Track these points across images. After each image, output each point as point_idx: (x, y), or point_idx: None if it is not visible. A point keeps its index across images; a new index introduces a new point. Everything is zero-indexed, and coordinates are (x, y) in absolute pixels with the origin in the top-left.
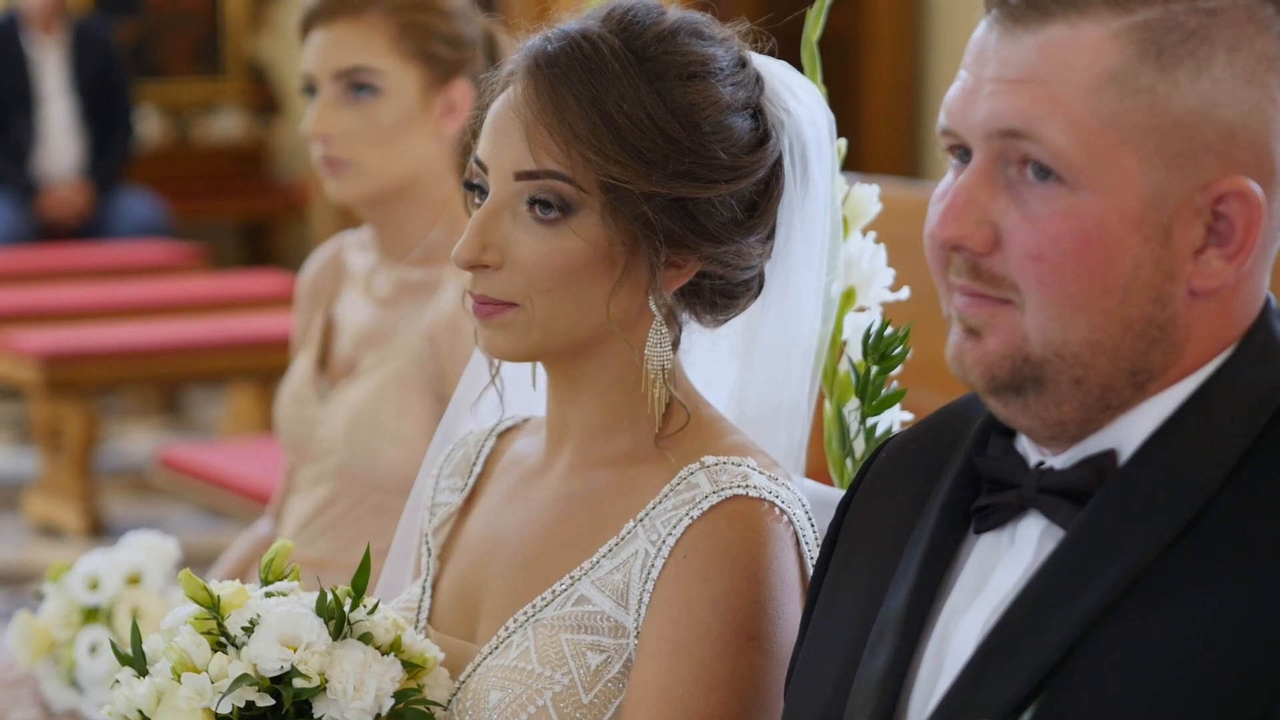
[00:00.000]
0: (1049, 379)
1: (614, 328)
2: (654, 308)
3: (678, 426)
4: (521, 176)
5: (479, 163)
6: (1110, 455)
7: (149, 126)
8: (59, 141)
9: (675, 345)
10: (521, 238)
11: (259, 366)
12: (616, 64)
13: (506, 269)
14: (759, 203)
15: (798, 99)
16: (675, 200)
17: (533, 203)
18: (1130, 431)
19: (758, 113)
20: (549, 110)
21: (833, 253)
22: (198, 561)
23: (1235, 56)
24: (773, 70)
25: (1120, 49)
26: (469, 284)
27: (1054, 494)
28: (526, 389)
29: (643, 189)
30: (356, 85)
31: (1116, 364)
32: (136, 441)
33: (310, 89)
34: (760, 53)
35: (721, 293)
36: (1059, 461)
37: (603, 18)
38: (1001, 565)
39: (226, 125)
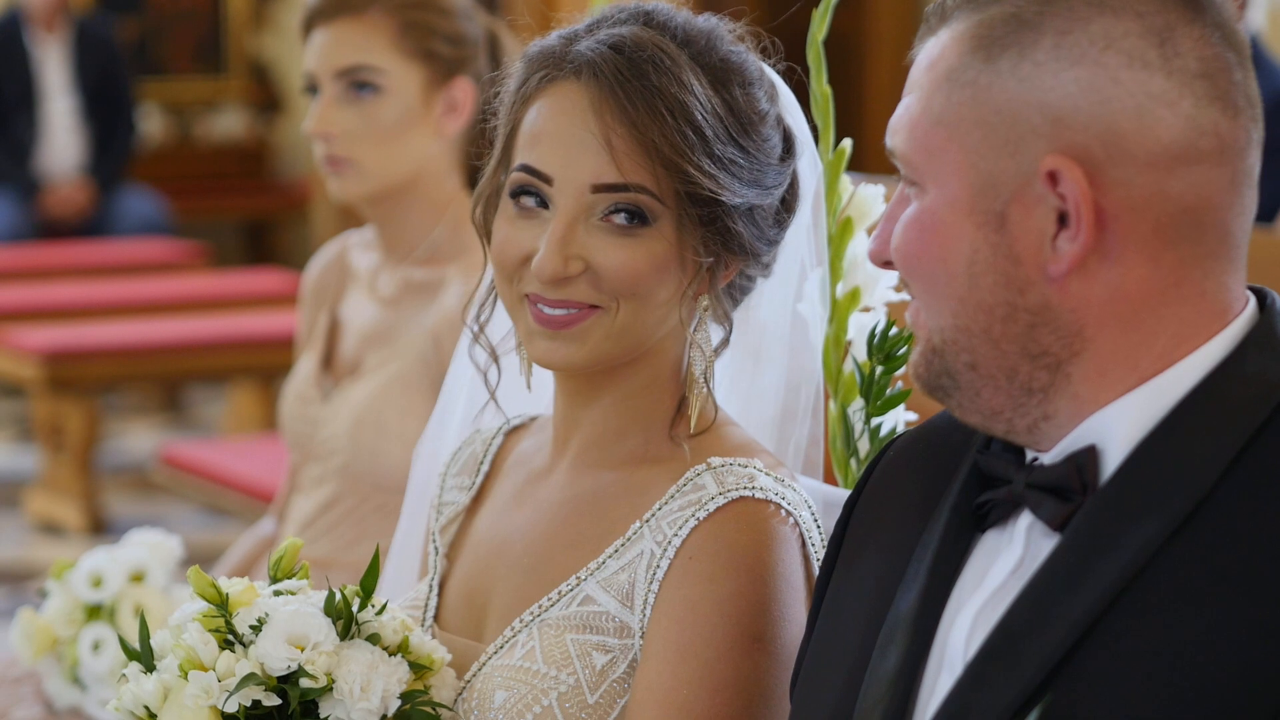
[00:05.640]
0: (953, 370)
1: (686, 333)
2: (702, 311)
3: (704, 426)
4: (601, 189)
5: (536, 172)
6: (1091, 451)
7: (151, 124)
8: (61, 139)
9: (725, 344)
10: (600, 246)
11: (260, 365)
12: (690, 73)
13: (589, 274)
14: (789, 202)
15: (790, 98)
16: (748, 209)
17: (611, 213)
18: (1109, 428)
19: (779, 116)
20: (639, 121)
21: (836, 253)
22: (199, 560)
23: (1063, 39)
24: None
25: (958, 47)
26: (548, 291)
27: (1040, 489)
28: (519, 393)
29: (731, 200)
30: (358, 84)
31: (1000, 347)
32: (138, 439)
33: (312, 88)
34: (764, 54)
35: (744, 291)
36: (1048, 458)
37: (642, 22)
38: (998, 561)
39: (228, 123)
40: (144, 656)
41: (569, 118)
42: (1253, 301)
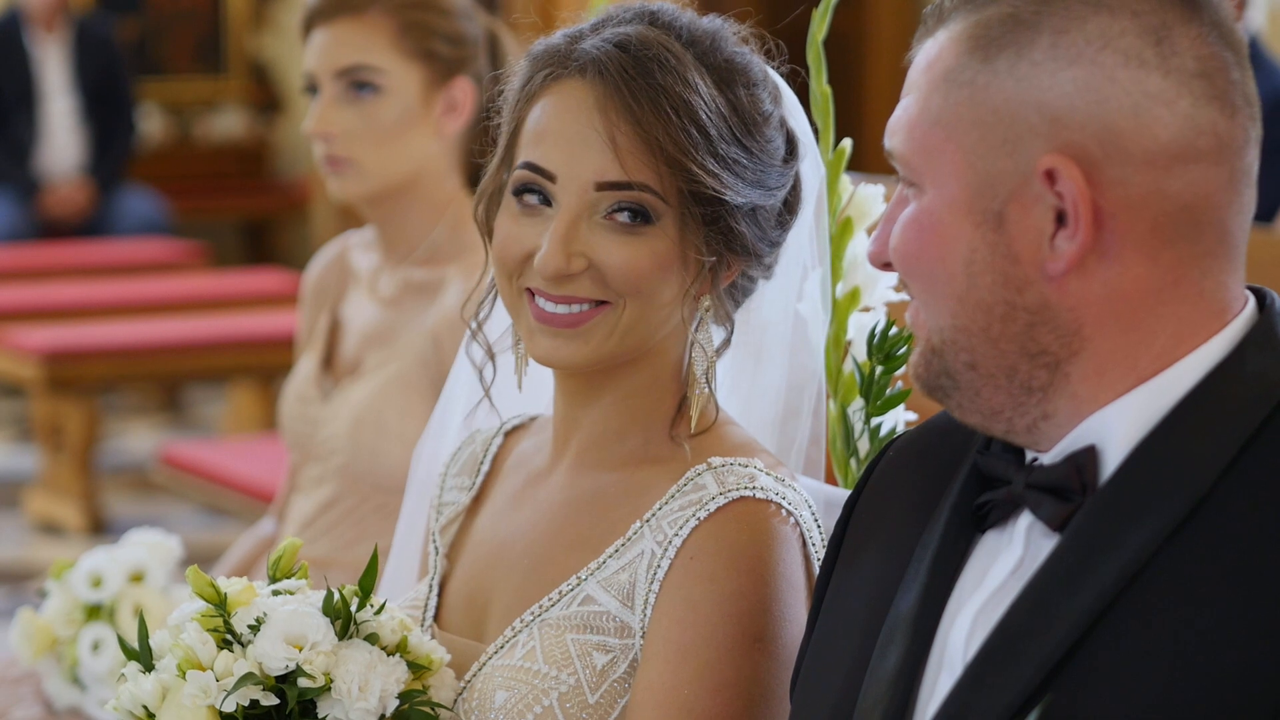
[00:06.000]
0: (953, 370)
1: (689, 332)
2: (704, 311)
3: (705, 426)
4: (605, 187)
5: (539, 169)
6: (1090, 451)
7: (150, 124)
8: (61, 139)
9: (727, 344)
10: (603, 243)
11: (260, 364)
12: (694, 73)
13: (592, 271)
14: (793, 204)
15: (793, 101)
16: (751, 209)
17: (614, 211)
18: (1108, 428)
19: (783, 119)
20: (644, 119)
21: (836, 253)
22: (199, 560)
23: (1060, 39)
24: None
25: (956, 48)
26: (551, 287)
27: (1039, 490)
28: (511, 394)
29: (734, 200)
30: (358, 84)
31: (999, 347)
32: (137, 439)
33: (312, 88)
34: (764, 54)
35: (745, 292)
36: (1047, 458)
37: (647, 22)
38: (998, 561)
39: (228, 123)
40: (143, 656)
41: (573, 115)
42: (1252, 301)
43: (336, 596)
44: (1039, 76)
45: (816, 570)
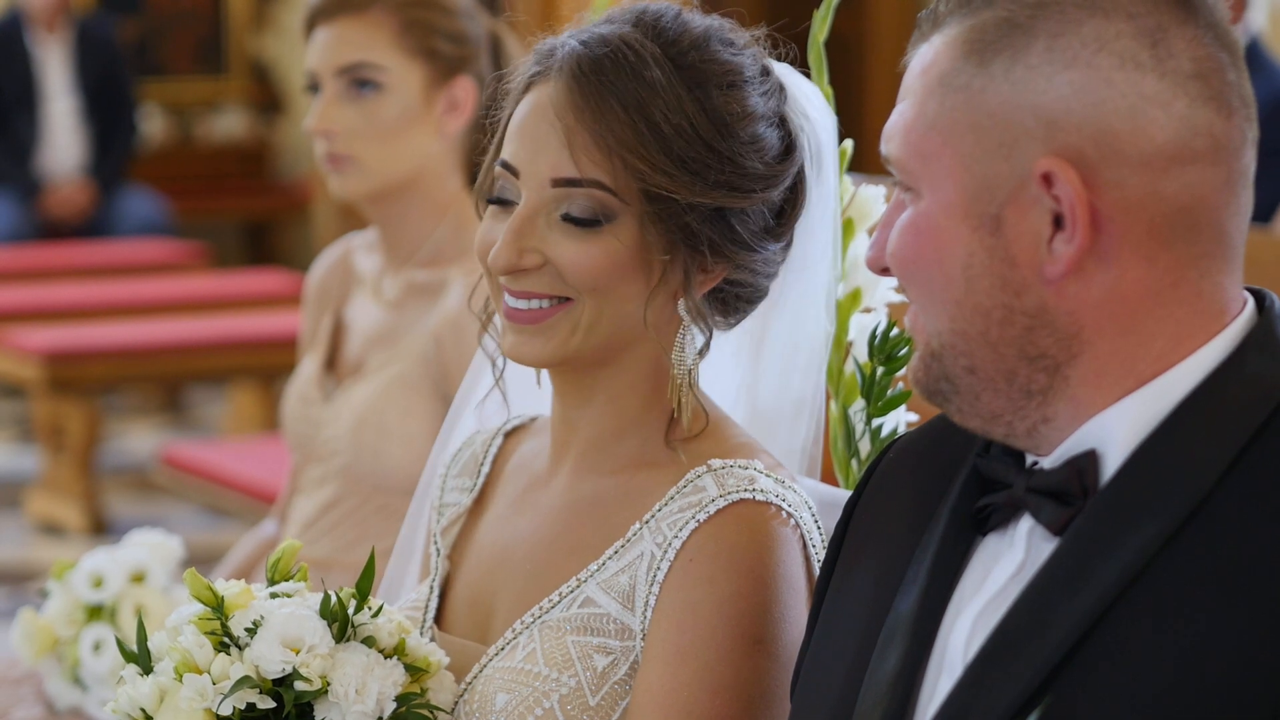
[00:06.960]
0: (952, 374)
1: (651, 333)
2: (683, 313)
3: (697, 430)
4: (560, 183)
5: (507, 166)
6: (1091, 455)
7: (152, 125)
8: (62, 140)
9: (706, 349)
10: (558, 240)
11: (261, 365)
12: (659, 71)
13: (549, 267)
14: (786, 210)
15: (811, 103)
16: (716, 210)
17: (570, 210)
18: (1108, 431)
19: (783, 120)
20: (595, 117)
21: (837, 254)
22: (199, 560)
23: (1056, 42)
24: (786, 75)
25: (951, 52)
26: (508, 282)
27: (1040, 493)
28: (529, 388)
29: (688, 199)
30: (359, 82)
31: (999, 350)
32: (138, 440)
33: (314, 86)
34: (776, 57)
35: (741, 298)
36: (1048, 462)
37: (632, 22)
38: (999, 564)
39: (229, 124)
40: (141, 658)
41: (540, 113)
42: (1250, 303)
43: (334, 599)
44: (1035, 80)
45: (816, 572)
